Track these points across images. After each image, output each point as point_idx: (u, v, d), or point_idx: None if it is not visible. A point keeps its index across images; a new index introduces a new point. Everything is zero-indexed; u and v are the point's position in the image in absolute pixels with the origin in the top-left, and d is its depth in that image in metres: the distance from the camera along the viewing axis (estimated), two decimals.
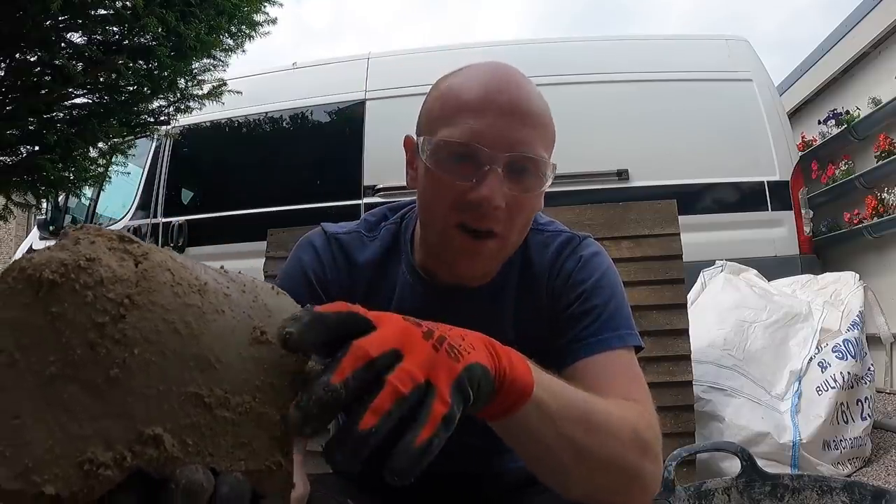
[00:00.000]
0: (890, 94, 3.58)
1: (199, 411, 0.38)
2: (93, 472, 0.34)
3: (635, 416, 0.64)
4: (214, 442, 0.38)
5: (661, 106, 3.64)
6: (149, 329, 0.37)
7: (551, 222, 0.88)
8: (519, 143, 0.71)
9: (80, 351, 0.35)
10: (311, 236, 0.87)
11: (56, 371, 0.34)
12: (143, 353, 0.36)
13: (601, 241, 0.90)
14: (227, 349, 0.40)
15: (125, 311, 0.36)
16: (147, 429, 0.36)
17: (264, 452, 0.40)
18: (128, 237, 0.40)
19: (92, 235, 0.38)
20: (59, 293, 0.35)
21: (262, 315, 0.42)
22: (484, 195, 0.69)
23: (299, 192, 3.78)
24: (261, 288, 0.44)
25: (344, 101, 3.97)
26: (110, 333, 0.36)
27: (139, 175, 4.19)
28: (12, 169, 2.96)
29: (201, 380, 0.38)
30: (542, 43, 4.20)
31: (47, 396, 0.34)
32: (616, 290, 0.80)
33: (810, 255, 3.46)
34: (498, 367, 0.47)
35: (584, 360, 0.74)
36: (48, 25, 2.53)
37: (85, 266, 0.36)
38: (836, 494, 1.36)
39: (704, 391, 2.19)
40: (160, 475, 0.36)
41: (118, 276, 0.37)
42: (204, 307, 0.39)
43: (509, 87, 0.72)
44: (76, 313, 0.35)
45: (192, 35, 2.73)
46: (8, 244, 10.06)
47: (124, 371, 0.36)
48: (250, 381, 0.40)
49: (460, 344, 0.45)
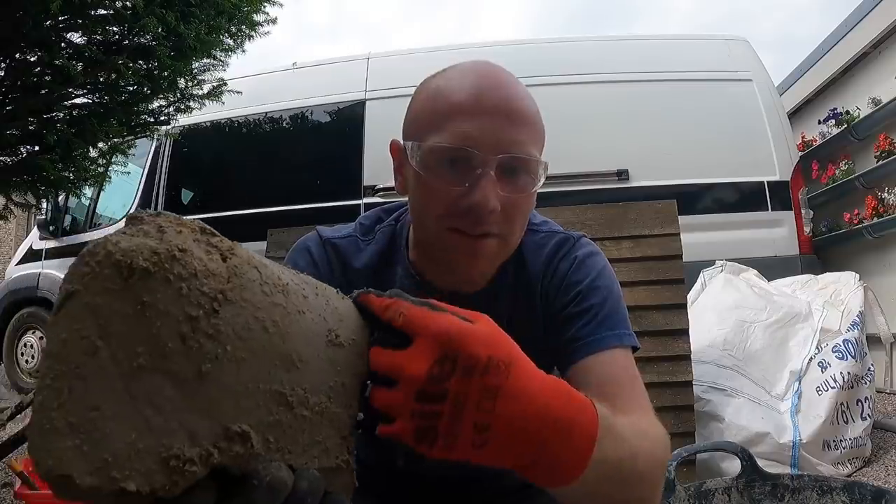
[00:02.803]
0: (890, 94, 3.58)
1: (283, 409, 0.38)
2: (178, 468, 0.33)
3: (661, 450, 0.62)
4: (293, 439, 0.39)
5: (661, 106, 3.64)
6: (241, 326, 0.37)
7: (546, 222, 0.88)
8: (510, 143, 0.70)
9: (171, 343, 0.34)
10: (306, 240, 0.87)
11: (144, 363, 0.33)
12: (235, 349, 0.36)
13: (601, 241, 0.90)
14: (308, 350, 0.40)
15: (218, 306, 0.36)
16: (234, 425, 0.35)
17: (335, 451, 0.41)
18: (209, 229, 0.39)
19: (176, 225, 0.37)
20: (151, 283, 0.34)
21: (334, 318, 0.43)
22: (477, 200, 0.68)
23: (299, 192, 3.79)
24: (329, 292, 0.45)
25: (344, 101, 3.97)
26: (203, 328, 0.35)
27: (139, 175, 4.19)
28: (12, 169, 2.95)
29: (285, 379, 0.38)
30: (541, 43, 4.21)
31: (131, 388, 0.33)
32: (612, 290, 0.79)
33: (810, 255, 3.47)
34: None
35: (582, 361, 0.73)
36: (48, 25, 2.53)
37: (178, 257, 0.35)
38: (836, 494, 1.36)
39: (704, 391, 2.19)
40: (243, 471, 0.36)
41: (210, 271, 0.36)
42: (288, 307, 0.40)
43: (498, 87, 0.71)
44: (169, 305, 0.34)
45: (192, 35, 2.72)
46: (8, 244, 10.07)
47: (216, 367, 0.35)
48: (326, 381, 0.41)
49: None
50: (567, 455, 0.46)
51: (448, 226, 0.72)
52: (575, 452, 0.46)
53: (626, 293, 0.82)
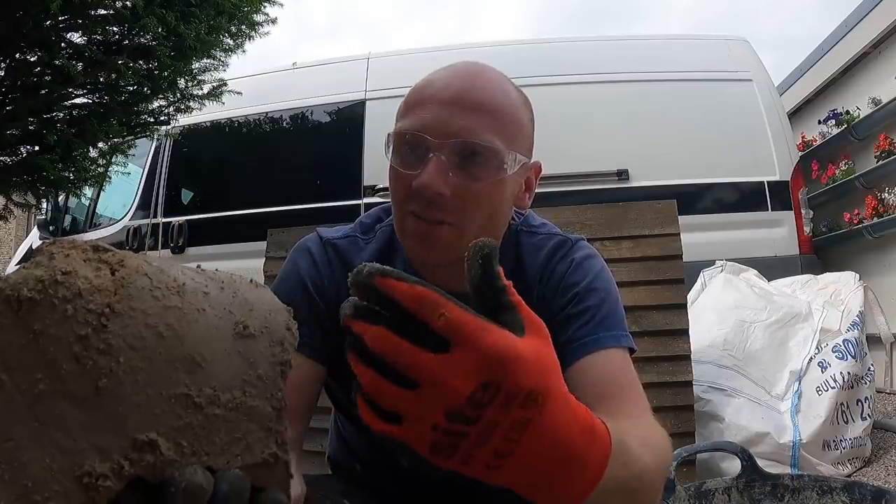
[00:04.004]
0: (890, 94, 3.58)
1: (191, 412, 0.38)
2: (92, 485, 0.34)
3: (665, 458, 0.61)
4: (209, 440, 0.38)
5: (661, 106, 3.63)
6: (132, 335, 0.37)
7: (544, 224, 0.88)
8: (462, 129, 0.71)
9: (66, 365, 0.35)
10: (307, 241, 0.87)
11: (44, 388, 0.34)
12: (129, 360, 0.36)
13: (601, 241, 0.90)
14: (212, 347, 0.40)
15: (106, 321, 0.36)
16: (141, 435, 0.36)
17: (259, 445, 0.40)
18: (102, 246, 0.39)
19: (66, 248, 0.38)
20: (38, 310, 0.35)
21: (243, 309, 0.42)
22: (423, 181, 0.70)
23: (299, 192, 3.78)
24: (239, 283, 0.44)
25: (344, 101, 3.97)
26: (94, 344, 0.35)
27: (139, 175, 4.19)
28: (12, 169, 2.96)
29: (189, 380, 0.38)
30: (541, 43, 4.21)
31: (38, 415, 0.34)
32: (610, 292, 0.79)
33: (810, 255, 3.46)
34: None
35: (578, 362, 0.73)
36: (48, 25, 2.53)
37: (62, 280, 0.36)
38: (836, 494, 1.36)
39: (704, 391, 2.19)
40: (159, 480, 0.36)
41: (96, 287, 0.37)
42: (184, 308, 0.39)
43: (463, 79, 0.73)
44: (58, 328, 0.35)
45: (192, 35, 2.73)
46: (8, 244, 10.06)
47: (112, 380, 0.36)
48: (238, 375, 0.40)
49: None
50: (575, 485, 0.45)
51: (407, 209, 0.73)
52: (583, 482, 0.46)
53: (626, 293, 0.82)
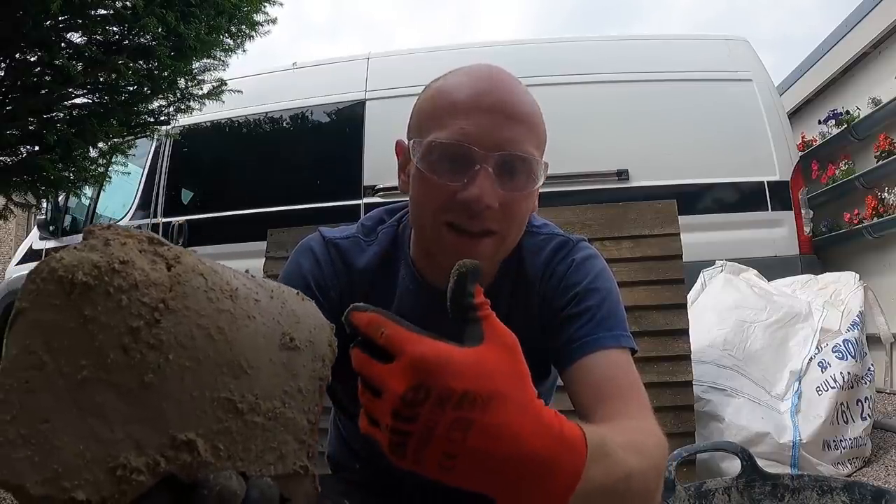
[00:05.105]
0: (890, 94, 3.58)
1: (231, 417, 0.38)
2: (125, 478, 0.34)
3: (658, 462, 0.61)
4: (245, 447, 0.38)
5: (661, 106, 3.63)
6: (183, 334, 0.37)
7: (545, 224, 0.88)
8: (508, 141, 0.70)
9: (113, 355, 0.34)
10: (309, 241, 0.87)
11: (88, 375, 0.34)
12: (178, 358, 0.36)
13: (601, 241, 0.90)
14: (258, 355, 0.40)
15: (160, 316, 0.36)
16: (180, 434, 0.36)
17: (292, 457, 0.41)
18: (157, 239, 0.39)
19: (122, 237, 0.38)
20: (92, 296, 0.35)
21: (290, 321, 0.43)
22: (474, 195, 0.69)
23: (299, 192, 3.78)
24: (287, 294, 0.45)
25: (344, 101, 3.97)
26: (145, 338, 0.35)
27: (139, 175, 4.19)
28: (12, 169, 2.96)
29: (233, 385, 0.38)
30: (541, 43, 4.20)
31: (78, 400, 0.34)
32: (610, 292, 0.79)
33: (810, 255, 3.46)
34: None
35: (579, 361, 0.73)
36: (48, 25, 2.53)
37: (119, 269, 0.36)
38: (836, 494, 1.36)
39: (704, 391, 2.19)
40: (191, 480, 0.36)
41: (152, 280, 0.36)
42: (236, 313, 0.39)
43: (498, 87, 0.72)
44: (110, 317, 0.35)
45: (192, 35, 2.73)
46: (8, 244, 10.06)
47: (158, 376, 0.35)
48: (279, 386, 0.41)
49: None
50: (548, 489, 0.45)
51: (445, 220, 0.72)
52: (555, 489, 0.45)
53: (626, 293, 0.82)
